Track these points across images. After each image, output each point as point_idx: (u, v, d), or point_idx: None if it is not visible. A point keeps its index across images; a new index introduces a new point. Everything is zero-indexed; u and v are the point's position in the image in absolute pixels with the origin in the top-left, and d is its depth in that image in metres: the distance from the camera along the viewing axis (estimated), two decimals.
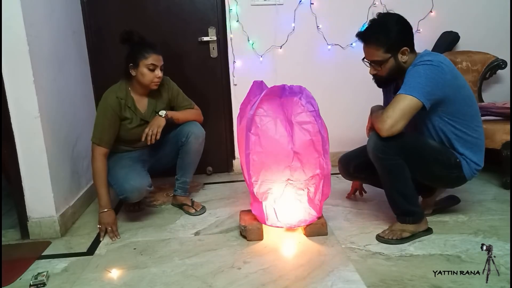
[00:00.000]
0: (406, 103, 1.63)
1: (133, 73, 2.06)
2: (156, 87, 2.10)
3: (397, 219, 1.85)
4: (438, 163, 1.77)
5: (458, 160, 1.76)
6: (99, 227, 2.03)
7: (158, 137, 2.06)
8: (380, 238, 1.83)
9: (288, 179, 1.81)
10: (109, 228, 2.00)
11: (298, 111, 1.81)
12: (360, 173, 2.04)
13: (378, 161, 1.76)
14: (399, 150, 1.72)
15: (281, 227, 1.89)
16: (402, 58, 1.74)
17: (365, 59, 1.81)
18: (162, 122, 2.08)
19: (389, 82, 1.86)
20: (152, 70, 2.04)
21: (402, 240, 1.79)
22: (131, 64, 2.05)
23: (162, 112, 2.10)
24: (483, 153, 1.82)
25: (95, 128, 2.06)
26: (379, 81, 1.84)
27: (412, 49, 1.77)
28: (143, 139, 2.06)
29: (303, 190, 1.83)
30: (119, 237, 2.00)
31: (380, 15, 1.79)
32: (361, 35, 1.78)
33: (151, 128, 2.05)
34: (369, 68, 1.81)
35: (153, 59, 2.03)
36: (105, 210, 2.02)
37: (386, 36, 1.71)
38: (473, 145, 1.78)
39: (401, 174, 1.75)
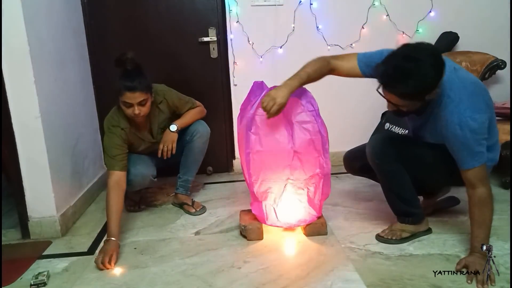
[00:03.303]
0: (484, 170, 1.53)
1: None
2: (141, 119, 2.03)
3: (397, 219, 1.85)
4: (440, 172, 1.73)
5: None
6: (97, 253, 1.81)
7: (174, 151, 2.12)
8: (379, 238, 1.83)
9: (288, 178, 1.82)
10: (108, 256, 1.73)
11: (298, 110, 1.81)
12: (365, 173, 2.02)
13: (376, 166, 1.77)
14: (397, 156, 1.71)
15: (281, 227, 1.90)
16: (430, 96, 1.50)
17: (383, 95, 1.56)
18: (175, 137, 2.13)
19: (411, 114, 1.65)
20: (128, 107, 1.94)
21: (401, 240, 1.79)
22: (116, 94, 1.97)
23: (173, 127, 2.13)
24: (498, 150, 1.71)
25: (105, 155, 2.04)
26: (400, 115, 1.65)
27: None
28: (159, 155, 2.12)
29: (303, 189, 1.83)
30: (109, 267, 1.71)
31: (410, 58, 1.44)
32: (389, 87, 1.49)
33: (166, 144, 2.11)
34: (387, 104, 1.58)
35: (126, 97, 1.90)
36: (112, 239, 1.81)
37: (419, 90, 1.46)
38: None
39: (400, 179, 1.75)
